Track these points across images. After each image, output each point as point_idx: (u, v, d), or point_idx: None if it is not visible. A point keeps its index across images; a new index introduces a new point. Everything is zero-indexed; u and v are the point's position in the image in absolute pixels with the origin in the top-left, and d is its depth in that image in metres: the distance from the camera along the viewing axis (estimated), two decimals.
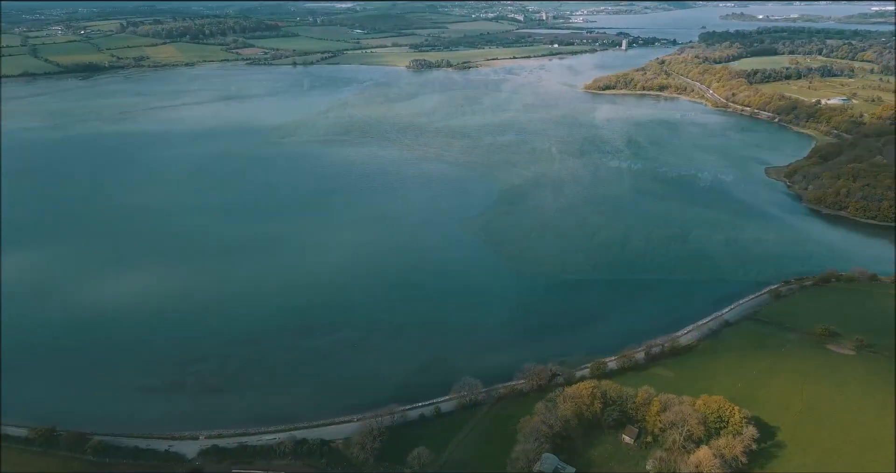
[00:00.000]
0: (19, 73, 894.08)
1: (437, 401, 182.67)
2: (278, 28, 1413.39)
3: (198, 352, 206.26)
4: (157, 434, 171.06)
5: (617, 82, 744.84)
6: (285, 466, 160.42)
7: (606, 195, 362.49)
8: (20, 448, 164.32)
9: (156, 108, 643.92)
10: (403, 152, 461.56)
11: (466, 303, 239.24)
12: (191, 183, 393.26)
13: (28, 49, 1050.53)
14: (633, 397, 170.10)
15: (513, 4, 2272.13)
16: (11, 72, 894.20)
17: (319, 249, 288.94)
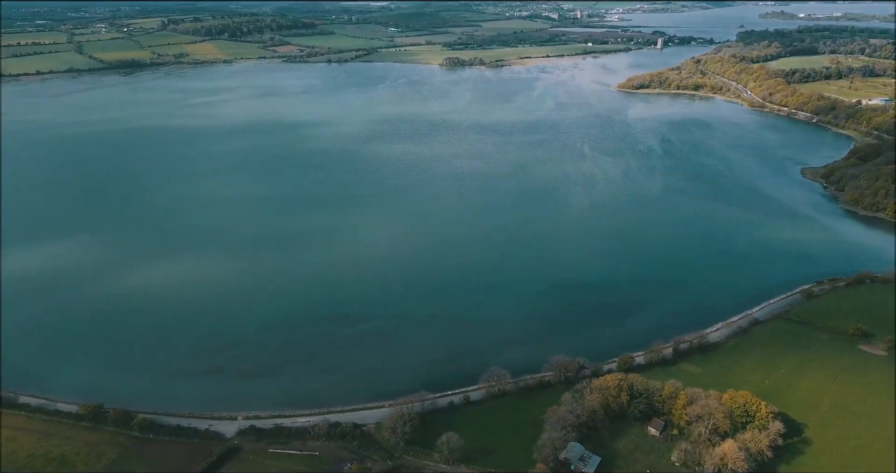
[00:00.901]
0: (65, 69, 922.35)
1: (467, 390, 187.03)
2: (314, 26, 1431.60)
3: (236, 338, 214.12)
4: (198, 414, 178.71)
5: (651, 81, 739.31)
6: (319, 447, 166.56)
7: (638, 193, 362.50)
8: (71, 423, 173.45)
9: (195, 104, 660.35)
10: (435, 149, 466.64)
11: (495, 297, 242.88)
12: (229, 176, 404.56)
13: (74, 46, 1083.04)
14: (659, 390, 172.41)
15: (547, 3, 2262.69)
16: (58, 67, 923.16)
17: (353, 242, 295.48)
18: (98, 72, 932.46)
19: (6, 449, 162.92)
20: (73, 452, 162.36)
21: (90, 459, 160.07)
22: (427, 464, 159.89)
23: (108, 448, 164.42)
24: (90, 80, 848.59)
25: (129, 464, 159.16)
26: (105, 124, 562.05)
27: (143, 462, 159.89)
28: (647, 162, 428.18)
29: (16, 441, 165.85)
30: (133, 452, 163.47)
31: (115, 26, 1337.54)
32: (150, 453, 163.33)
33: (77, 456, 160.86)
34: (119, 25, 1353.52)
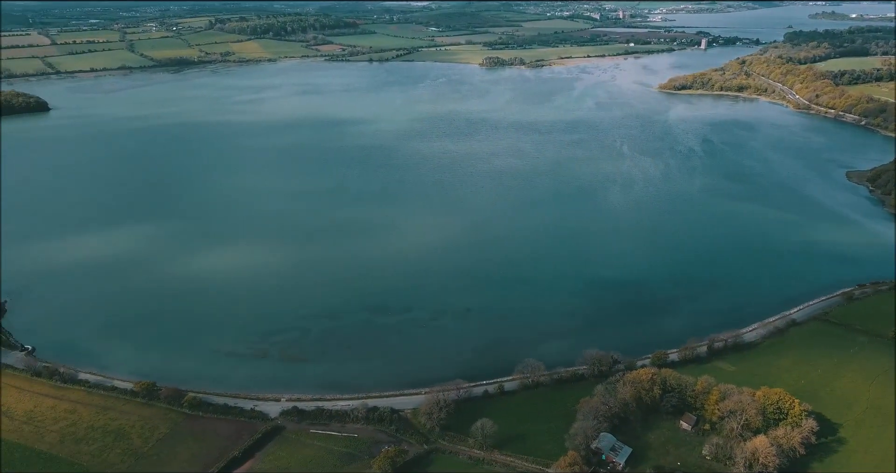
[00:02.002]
0: (117, 67, 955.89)
1: (501, 380, 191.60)
2: (356, 25, 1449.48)
3: (281, 324, 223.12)
4: (244, 395, 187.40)
5: (693, 82, 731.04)
6: (358, 429, 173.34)
7: (677, 194, 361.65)
8: (126, 398, 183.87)
9: (241, 101, 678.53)
10: (474, 147, 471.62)
11: (531, 292, 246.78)
12: (275, 170, 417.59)
13: (126, 44, 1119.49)
14: (692, 385, 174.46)
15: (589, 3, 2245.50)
16: (111, 65, 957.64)
17: (393, 236, 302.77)
18: (148, 69, 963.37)
19: (67, 421, 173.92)
20: (129, 425, 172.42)
21: (144, 432, 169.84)
22: (461, 449, 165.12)
23: (160, 422, 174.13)
24: (141, 77, 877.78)
25: (180, 438, 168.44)
26: (157, 119, 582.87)
27: (193, 437, 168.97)
28: (687, 162, 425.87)
29: (76, 414, 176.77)
30: (183, 427, 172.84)
31: (164, 25, 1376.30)
32: (200, 429, 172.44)
33: (132, 429, 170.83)
34: (168, 24, 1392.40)
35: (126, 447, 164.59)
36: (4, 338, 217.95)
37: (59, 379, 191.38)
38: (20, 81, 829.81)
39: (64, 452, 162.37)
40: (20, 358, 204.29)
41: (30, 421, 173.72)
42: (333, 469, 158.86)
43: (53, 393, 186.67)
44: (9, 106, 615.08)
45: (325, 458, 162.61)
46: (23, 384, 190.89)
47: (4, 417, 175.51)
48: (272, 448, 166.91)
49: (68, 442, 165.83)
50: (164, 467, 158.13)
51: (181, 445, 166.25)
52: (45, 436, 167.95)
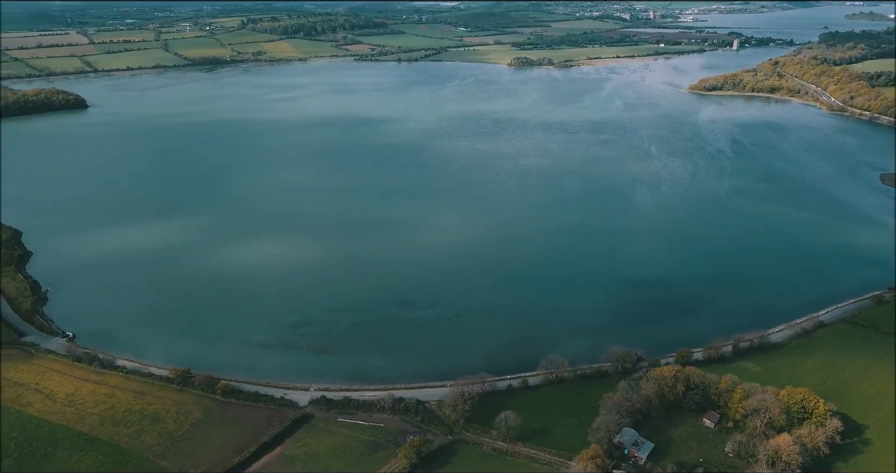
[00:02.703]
0: (153, 66, 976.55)
1: (525, 375, 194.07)
2: (385, 25, 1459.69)
3: (310, 316, 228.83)
4: (274, 383, 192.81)
5: (724, 83, 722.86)
6: (384, 420, 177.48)
7: (705, 194, 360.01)
8: (162, 384, 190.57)
9: (272, 100, 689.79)
10: (501, 146, 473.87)
11: (556, 290, 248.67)
12: (305, 167, 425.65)
13: (161, 44, 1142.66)
14: (716, 383, 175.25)
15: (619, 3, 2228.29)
16: (146, 64, 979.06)
17: (420, 232, 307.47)
18: (182, 68, 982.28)
19: (107, 404, 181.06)
20: (164, 410, 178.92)
21: (179, 417, 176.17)
22: (485, 441, 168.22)
23: (194, 408, 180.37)
24: (175, 76, 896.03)
25: (213, 423, 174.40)
26: (191, 117, 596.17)
27: (226, 423, 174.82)
28: (716, 163, 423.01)
29: (115, 398, 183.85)
30: (216, 413, 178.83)
31: (198, 25, 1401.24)
32: (232, 414, 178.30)
33: (168, 414, 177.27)
34: (202, 24, 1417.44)
35: (162, 430, 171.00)
36: (46, 325, 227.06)
37: (99, 365, 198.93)
38: (59, 79, 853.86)
39: (103, 433, 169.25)
40: (62, 344, 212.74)
41: (71, 404, 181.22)
42: (360, 456, 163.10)
43: (93, 377, 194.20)
44: (49, 103, 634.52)
45: (352, 446, 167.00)
46: (64, 368, 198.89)
47: (47, 399, 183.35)
48: (301, 434, 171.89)
49: (107, 424, 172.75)
50: (199, 450, 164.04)
51: (214, 430, 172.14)
52: (85, 418, 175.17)
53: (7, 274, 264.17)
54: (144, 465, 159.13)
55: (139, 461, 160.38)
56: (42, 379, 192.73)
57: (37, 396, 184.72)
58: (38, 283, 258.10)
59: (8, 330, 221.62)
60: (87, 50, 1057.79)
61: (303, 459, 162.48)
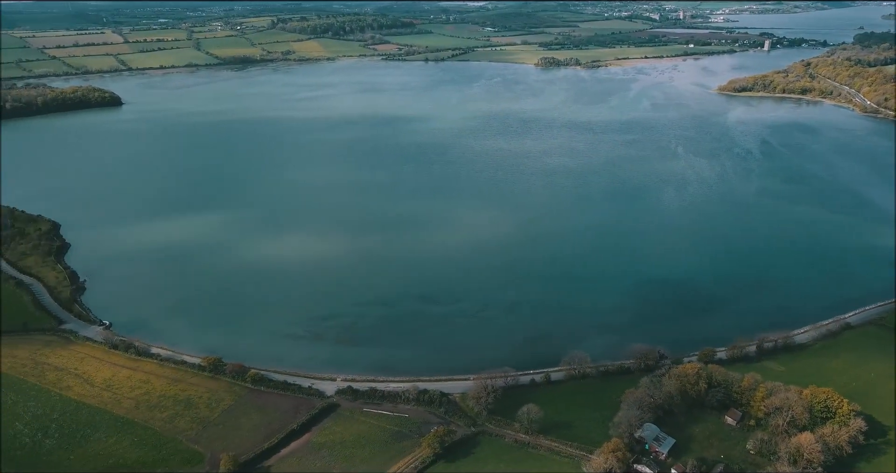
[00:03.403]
0: (185, 64, 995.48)
1: (548, 370, 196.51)
2: (413, 25, 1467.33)
3: (336, 309, 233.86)
4: (302, 373, 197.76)
5: (754, 84, 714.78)
6: (409, 410, 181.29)
7: (731, 195, 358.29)
8: (194, 372, 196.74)
9: (301, 98, 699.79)
10: (527, 145, 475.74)
11: (579, 288, 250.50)
12: (333, 164, 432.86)
13: (193, 43, 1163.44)
14: (738, 381, 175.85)
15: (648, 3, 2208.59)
16: (178, 62, 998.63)
17: (445, 229, 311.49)
18: (213, 67, 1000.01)
19: (142, 390, 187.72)
20: (197, 396, 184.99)
21: (211, 403, 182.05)
22: (507, 433, 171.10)
23: (225, 395, 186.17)
24: (206, 74, 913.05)
25: (244, 410, 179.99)
26: (222, 115, 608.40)
27: (256, 409, 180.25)
28: (743, 164, 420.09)
29: (150, 384, 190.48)
30: (247, 400, 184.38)
31: (229, 25, 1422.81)
32: (261, 402, 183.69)
33: (200, 400, 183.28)
34: (233, 24, 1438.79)
35: (194, 415, 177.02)
36: (84, 314, 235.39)
37: (134, 352, 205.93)
38: (95, 77, 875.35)
39: (139, 417, 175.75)
40: (99, 332, 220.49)
41: (108, 388, 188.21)
42: (385, 445, 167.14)
43: (129, 364, 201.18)
44: (86, 100, 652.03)
45: (378, 435, 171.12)
46: (101, 355, 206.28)
47: (85, 383, 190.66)
48: (328, 423, 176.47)
49: (143, 409, 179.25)
50: (229, 435, 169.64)
51: (244, 416, 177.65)
52: (122, 402, 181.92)
53: (47, 264, 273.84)
54: (178, 448, 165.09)
55: (173, 444, 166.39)
56: (81, 365, 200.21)
57: (76, 380, 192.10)
58: (77, 273, 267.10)
59: (48, 317, 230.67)
60: (122, 49, 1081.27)
61: (329, 446, 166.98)
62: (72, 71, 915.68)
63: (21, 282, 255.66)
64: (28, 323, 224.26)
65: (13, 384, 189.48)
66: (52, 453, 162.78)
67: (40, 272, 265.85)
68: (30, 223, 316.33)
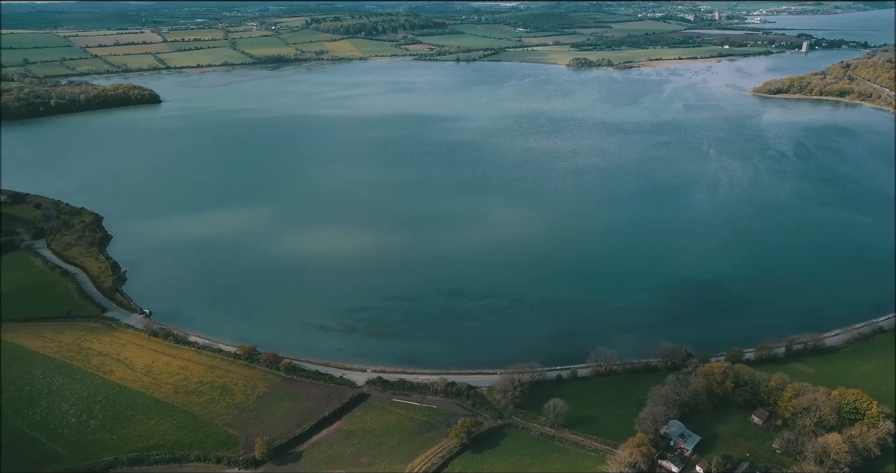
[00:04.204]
0: (221, 63, 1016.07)
1: (574, 367, 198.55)
2: (444, 25, 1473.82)
3: (367, 303, 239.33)
4: (334, 364, 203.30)
5: (790, 86, 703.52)
6: (437, 401, 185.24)
7: (763, 197, 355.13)
8: (230, 359, 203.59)
9: (334, 97, 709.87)
10: (557, 145, 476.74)
11: (607, 286, 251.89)
12: (365, 162, 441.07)
13: (229, 42, 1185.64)
14: (765, 381, 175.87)
15: (683, 3, 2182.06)
16: (215, 61, 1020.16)
17: (474, 227, 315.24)
18: (248, 66, 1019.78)
19: (181, 375, 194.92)
20: (233, 383, 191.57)
21: (246, 389, 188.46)
22: (533, 426, 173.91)
23: (260, 382, 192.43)
24: (242, 73, 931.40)
25: (277, 397, 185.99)
26: (257, 112, 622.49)
27: (289, 397, 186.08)
28: (777, 166, 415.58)
29: (188, 370, 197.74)
30: (280, 388, 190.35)
31: (264, 25, 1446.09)
32: (294, 390, 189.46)
33: (236, 386, 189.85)
34: (268, 24, 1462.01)
35: (230, 401, 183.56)
36: (126, 302, 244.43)
37: (173, 340, 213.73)
38: (135, 75, 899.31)
39: (178, 401, 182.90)
40: (139, 320, 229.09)
41: (149, 374, 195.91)
42: (413, 434, 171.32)
43: (168, 351, 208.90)
44: (126, 98, 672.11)
45: (406, 424, 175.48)
46: (142, 342, 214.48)
47: (127, 368, 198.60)
48: (358, 412, 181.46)
49: (181, 393, 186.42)
50: (263, 420, 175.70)
51: (278, 403, 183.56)
52: (161, 387, 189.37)
53: (90, 254, 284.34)
54: (214, 431, 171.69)
55: (210, 427, 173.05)
56: (123, 351, 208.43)
57: (118, 365, 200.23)
58: (118, 264, 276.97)
59: (92, 305, 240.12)
60: (161, 48, 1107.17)
61: (359, 434, 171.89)
62: (113, 69, 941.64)
63: (66, 272, 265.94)
64: (73, 311, 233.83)
65: (59, 367, 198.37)
66: (96, 432, 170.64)
67: (84, 262, 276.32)
68: (74, 215, 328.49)
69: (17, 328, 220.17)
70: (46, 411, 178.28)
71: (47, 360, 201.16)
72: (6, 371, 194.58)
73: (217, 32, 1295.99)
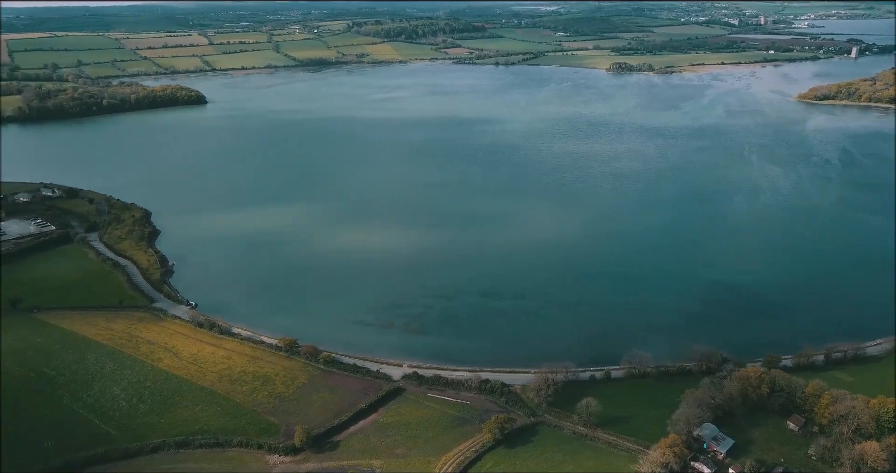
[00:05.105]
0: (264, 65, 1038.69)
1: (608, 368, 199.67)
2: (484, 29, 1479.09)
3: (404, 300, 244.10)
4: (371, 358, 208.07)
5: (838, 92, 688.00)
6: (471, 398, 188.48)
7: (806, 203, 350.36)
8: (272, 351, 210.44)
9: (375, 99, 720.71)
10: (595, 149, 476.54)
11: (642, 289, 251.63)
12: (404, 163, 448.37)
13: (272, 45, 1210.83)
14: (802, 387, 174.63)
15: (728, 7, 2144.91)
16: (258, 64, 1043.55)
17: (510, 228, 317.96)
18: (291, 68, 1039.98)
19: (224, 365, 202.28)
20: (274, 373, 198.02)
21: (286, 380, 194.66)
22: (566, 424, 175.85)
23: (300, 373, 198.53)
24: (285, 75, 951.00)
25: (316, 388, 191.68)
26: (299, 113, 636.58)
27: (327, 389, 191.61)
28: (821, 172, 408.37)
29: (231, 360, 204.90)
30: (319, 379, 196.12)
31: (307, 28, 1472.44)
32: (333, 382, 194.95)
33: (277, 377, 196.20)
34: (310, 27, 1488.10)
35: (271, 390, 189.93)
36: (173, 294, 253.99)
37: (217, 331, 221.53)
38: (182, 77, 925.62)
39: (221, 389, 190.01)
40: (185, 311, 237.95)
41: (194, 362, 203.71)
42: (447, 428, 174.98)
43: (212, 341, 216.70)
44: (174, 98, 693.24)
45: (440, 419, 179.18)
46: (188, 332, 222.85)
47: (174, 356, 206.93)
48: (394, 405, 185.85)
49: (225, 382, 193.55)
50: (303, 410, 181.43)
51: (316, 394, 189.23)
52: (206, 375, 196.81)
53: (140, 248, 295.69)
54: (256, 419, 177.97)
55: (252, 415, 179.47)
56: (170, 340, 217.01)
57: (165, 353, 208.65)
58: (166, 257, 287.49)
59: (141, 296, 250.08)
60: (207, 50, 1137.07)
61: (395, 426, 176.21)
62: (161, 71, 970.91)
63: (117, 264, 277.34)
64: (123, 301, 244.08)
65: (111, 354, 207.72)
66: (145, 416, 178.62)
67: (134, 255, 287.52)
68: (125, 210, 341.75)
69: (73, 315, 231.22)
70: (99, 394, 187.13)
71: (100, 347, 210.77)
72: (64, 354, 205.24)
73: (261, 35, 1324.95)
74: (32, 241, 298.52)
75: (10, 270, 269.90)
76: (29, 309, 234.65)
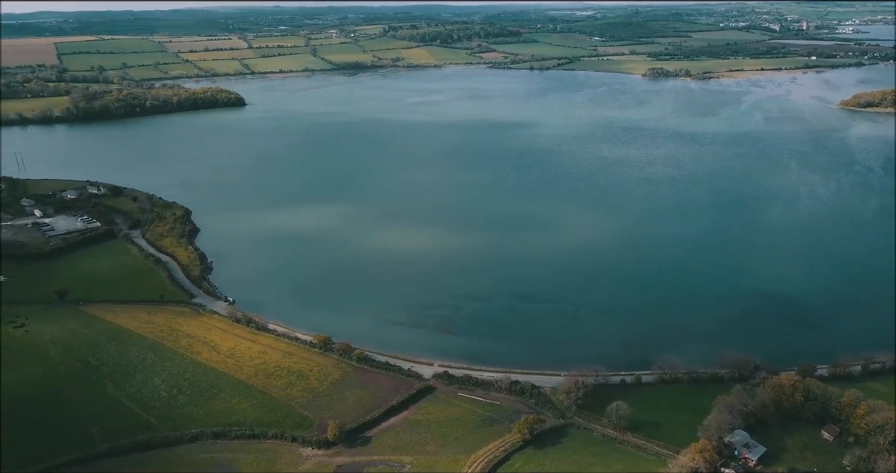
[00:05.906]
0: (301, 69, 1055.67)
1: (639, 373, 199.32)
2: (519, 34, 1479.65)
3: (436, 300, 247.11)
4: (403, 356, 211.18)
5: (882, 99, 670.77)
6: (501, 398, 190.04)
7: (846, 212, 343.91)
8: (306, 347, 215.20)
9: (410, 103, 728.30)
10: (630, 154, 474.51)
11: (674, 295, 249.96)
12: (439, 165, 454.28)
13: (310, 49, 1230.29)
14: (837, 396, 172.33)
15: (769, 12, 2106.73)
16: (296, 67, 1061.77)
17: (543, 231, 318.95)
18: (327, 71, 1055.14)
19: (260, 359, 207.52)
20: (308, 369, 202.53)
21: (320, 376, 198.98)
22: (596, 427, 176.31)
23: (333, 370, 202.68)
24: (321, 79, 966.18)
25: (349, 385, 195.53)
26: (336, 116, 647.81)
27: (360, 385, 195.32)
28: (863, 181, 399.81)
29: (267, 355, 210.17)
30: (352, 376, 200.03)
31: (343, 32, 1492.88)
32: (365, 379, 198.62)
33: (311, 373, 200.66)
34: (347, 31, 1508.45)
35: (305, 385, 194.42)
36: (211, 290, 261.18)
37: (254, 327, 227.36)
38: (221, 79, 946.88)
39: (257, 383, 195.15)
40: (223, 307, 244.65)
41: (231, 356, 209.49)
42: (477, 427, 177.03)
43: (249, 336, 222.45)
44: (214, 100, 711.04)
45: (470, 418, 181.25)
46: (226, 327, 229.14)
47: (212, 350, 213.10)
48: (424, 403, 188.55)
49: (261, 376, 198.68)
50: (336, 405, 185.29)
51: (349, 390, 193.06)
52: (243, 369, 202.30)
53: (180, 245, 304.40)
54: (291, 413, 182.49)
55: (286, 409, 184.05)
56: (208, 334, 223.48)
57: (204, 347, 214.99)
58: (205, 255, 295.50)
59: (181, 291, 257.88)
60: (246, 54, 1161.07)
61: (425, 424, 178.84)
62: (202, 73, 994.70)
63: (159, 260, 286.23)
64: (164, 296, 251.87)
65: (152, 346, 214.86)
66: (184, 406, 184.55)
67: (175, 251, 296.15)
68: (166, 208, 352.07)
69: (117, 309, 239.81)
70: (141, 384, 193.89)
71: (142, 339, 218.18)
72: (108, 345, 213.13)
73: (299, 39, 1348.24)
74: (79, 237, 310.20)
75: (58, 264, 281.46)
76: (75, 301, 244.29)
